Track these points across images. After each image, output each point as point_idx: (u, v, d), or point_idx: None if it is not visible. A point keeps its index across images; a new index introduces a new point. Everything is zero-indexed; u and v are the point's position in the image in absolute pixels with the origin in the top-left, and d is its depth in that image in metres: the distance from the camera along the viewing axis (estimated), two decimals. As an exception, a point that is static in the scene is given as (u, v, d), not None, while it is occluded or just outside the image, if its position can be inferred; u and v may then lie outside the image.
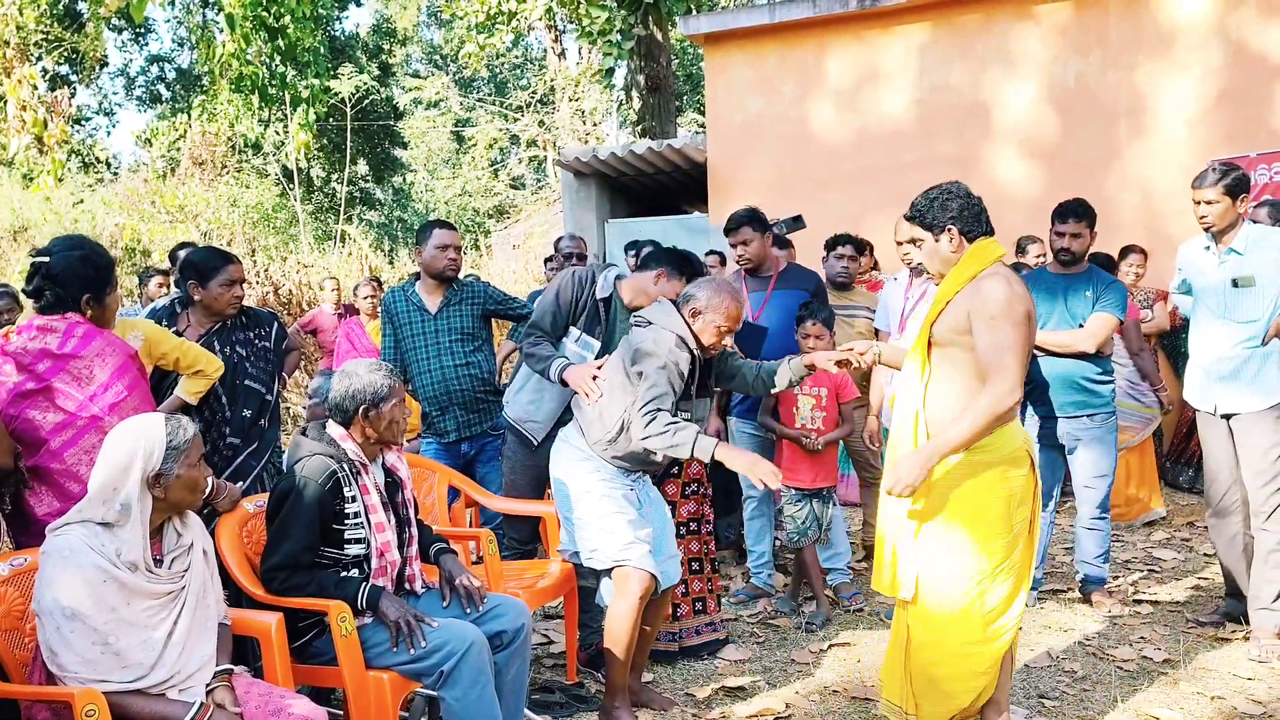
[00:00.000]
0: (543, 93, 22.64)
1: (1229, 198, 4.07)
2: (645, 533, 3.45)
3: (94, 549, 2.43)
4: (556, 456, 3.65)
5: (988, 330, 2.95)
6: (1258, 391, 4.09)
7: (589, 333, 3.96)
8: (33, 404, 3.04)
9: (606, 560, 3.45)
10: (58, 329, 3.08)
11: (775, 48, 8.87)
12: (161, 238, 12.98)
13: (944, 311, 3.08)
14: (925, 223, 3.13)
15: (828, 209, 7.90)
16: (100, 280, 3.19)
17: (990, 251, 3.07)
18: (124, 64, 26.38)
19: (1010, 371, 2.92)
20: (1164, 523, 6.39)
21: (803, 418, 4.66)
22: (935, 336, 3.10)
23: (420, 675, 2.95)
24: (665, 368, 3.37)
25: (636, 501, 3.56)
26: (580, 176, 10.43)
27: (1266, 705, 3.63)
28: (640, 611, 3.43)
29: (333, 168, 22.92)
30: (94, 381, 3.08)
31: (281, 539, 2.99)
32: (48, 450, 3.04)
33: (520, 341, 4.09)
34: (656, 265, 3.98)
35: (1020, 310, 2.96)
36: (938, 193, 3.12)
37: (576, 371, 3.73)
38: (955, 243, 3.08)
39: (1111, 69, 7.94)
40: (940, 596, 3.06)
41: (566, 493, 3.57)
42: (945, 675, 3.08)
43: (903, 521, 3.10)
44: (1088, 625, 4.51)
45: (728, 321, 3.47)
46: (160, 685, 2.48)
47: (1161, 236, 7.14)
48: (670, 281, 3.92)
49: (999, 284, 2.98)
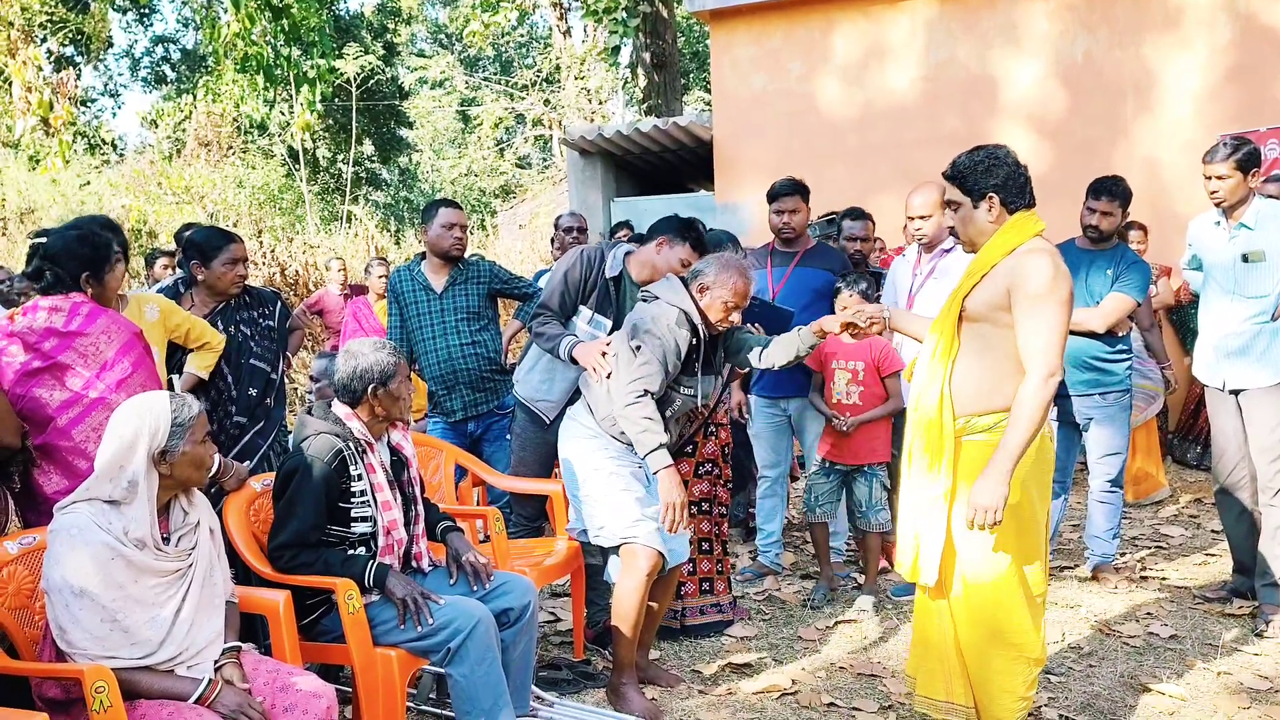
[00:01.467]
0: (548, 71, 22.53)
1: (1240, 172, 4.04)
2: (653, 510, 3.44)
3: (101, 527, 2.44)
4: (565, 434, 3.64)
5: (1030, 310, 2.79)
6: (1266, 367, 4.07)
7: (600, 312, 3.90)
8: (39, 382, 3.06)
9: (614, 537, 3.44)
10: (62, 308, 3.10)
11: (781, 24, 8.82)
12: (168, 219, 13.00)
13: (979, 285, 2.90)
14: (966, 186, 2.96)
15: (833, 186, 7.86)
16: (98, 259, 3.19)
17: (1031, 225, 2.91)
18: (129, 45, 26.38)
19: (1053, 355, 2.78)
20: (1171, 500, 6.39)
21: (839, 393, 4.54)
22: (968, 311, 2.92)
23: (427, 652, 2.97)
24: (661, 345, 3.36)
25: (645, 479, 3.54)
26: (586, 155, 10.40)
27: (1273, 680, 3.63)
28: (647, 588, 3.43)
29: (338, 148, 22.88)
30: (100, 358, 3.09)
31: (288, 517, 3.00)
32: (55, 428, 3.05)
33: (529, 321, 4.07)
34: (657, 235, 3.91)
35: (1065, 290, 2.81)
36: (983, 155, 2.95)
37: (586, 349, 3.69)
38: (995, 213, 2.93)
39: (1118, 45, 7.88)
40: (982, 576, 2.94)
41: (575, 470, 3.56)
42: (1010, 677, 2.96)
43: (928, 508, 2.98)
44: (1094, 601, 4.51)
45: (735, 298, 3.44)
46: (169, 662, 2.49)
47: (1168, 213, 7.10)
48: (674, 248, 3.83)
49: (1044, 261, 2.81)
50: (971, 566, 2.96)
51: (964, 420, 2.93)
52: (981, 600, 2.97)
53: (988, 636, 2.98)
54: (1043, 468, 2.96)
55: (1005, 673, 2.98)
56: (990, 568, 2.94)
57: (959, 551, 2.97)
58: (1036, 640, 2.99)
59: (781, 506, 5.04)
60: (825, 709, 3.52)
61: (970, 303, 2.92)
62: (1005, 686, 2.99)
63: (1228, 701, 3.48)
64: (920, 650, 3.18)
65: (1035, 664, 3.00)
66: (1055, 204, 7.08)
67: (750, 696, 3.63)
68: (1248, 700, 3.49)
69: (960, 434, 2.93)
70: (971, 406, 2.92)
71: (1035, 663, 3.00)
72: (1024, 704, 3.02)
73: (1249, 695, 3.53)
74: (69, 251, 3.16)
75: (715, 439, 4.24)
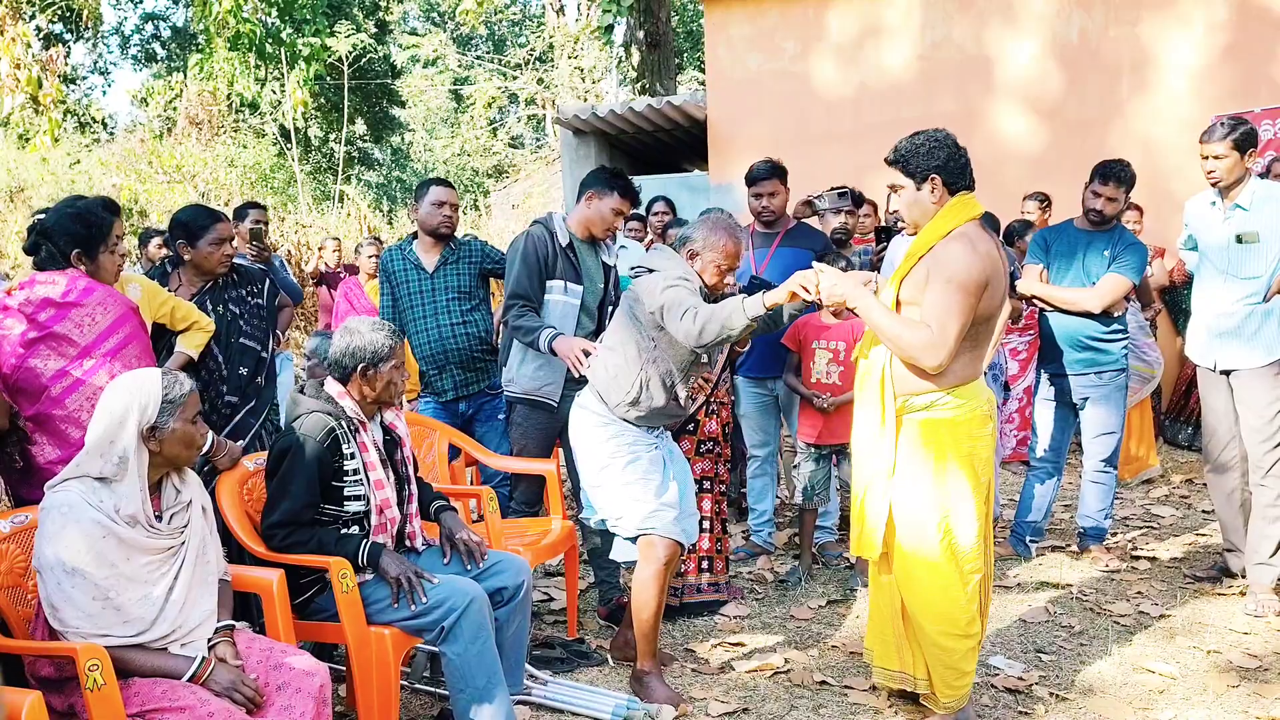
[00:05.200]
0: (541, 50, 22.42)
1: (1237, 152, 4.04)
2: (670, 496, 3.40)
3: (92, 505, 2.44)
4: (575, 423, 3.56)
5: (938, 293, 2.87)
6: (1258, 348, 4.08)
7: (569, 281, 4.02)
8: (34, 352, 3.07)
9: (631, 528, 3.40)
10: (59, 281, 3.12)
11: (776, 4, 8.77)
12: (159, 198, 12.93)
13: (914, 269, 2.98)
14: (909, 169, 3.00)
15: (828, 166, 7.84)
16: (92, 237, 3.19)
17: (968, 208, 2.96)
18: (119, 22, 25.99)
19: (945, 338, 2.84)
20: (1163, 479, 6.41)
21: (818, 372, 4.55)
22: (902, 294, 3.00)
23: (421, 631, 2.97)
24: (677, 285, 3.27)
25: (661, 461, 3.49)
26: (579, 135, 10.35)
27: (1262, 659, 3.65)
28: (666, 577, 3.41)
29: (330, 127, 22.75)
30: (96, 329, 3.12)
31: (281, 496, 2.99)
32: (49, 397, 3.07)
33: (505, 315, 4.05)
34: (585, 190, 4.07)
35: (978, 278, 2.85)
36: (924, 138, 3.00)
37: (567, 342, 3.74)
38: (938, 194, 2.97)
39: (1114, 24, 7.86)
40: (916, 549, 3.03)
41: (588, 461, 3.50)
42: (953, 646, 3.02)
43: (870, 483, 3.07)
44: (1085, 580, 4.53)
45: (727, 260, 3.39)
46: (162, 640, 2.49)
47: (1164, 193, 7.09)
48: (604, 199, 4.03)
49: (962, 247, 2.88)
50: (906, 544, 3.06)
51: (903, 399, 3.01)
52: (914, 576, 3.07)
53: (922, 611, 3.07)
54: (972, 444, 2.99)
55: (941, 647, 3.06)
56: (921, 546, 3.03)
57: (896, 529, 3.07)
58: (966, 617, 3.03)
59: (772, 486, 5.05)
60: (817, 687, 3.54)
61: (903, 288, 3.00)
62: (944, 661, 3.07)
63: (1217, 680, 3.50)
64: (876, 622, 3.27)
65: (969, 639, 3.05)
66: (1051, 183, 7.12)
67: (743, 675, 3.65)
68: (1237, 679, 3.51)
69: (901, 413, 3.01)
70: (909, 386, 3.00)
71: (969, 638, 3.05)
72: (965, 678, 3.08)
73: (1238, 674, 3.55)
74: (62, 227, 3.18)
75: (717, 418, 4.23)
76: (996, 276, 2.92)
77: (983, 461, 3.02)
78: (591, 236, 4.10)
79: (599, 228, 4.07)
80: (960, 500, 2.98)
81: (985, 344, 3.01)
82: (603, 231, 4.08)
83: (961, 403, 2.97)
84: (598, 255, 4.17)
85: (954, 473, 2.97)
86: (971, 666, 3.09)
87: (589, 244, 4.13)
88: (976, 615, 3.06)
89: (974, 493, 2.99)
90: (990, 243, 2.95)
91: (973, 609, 3.04)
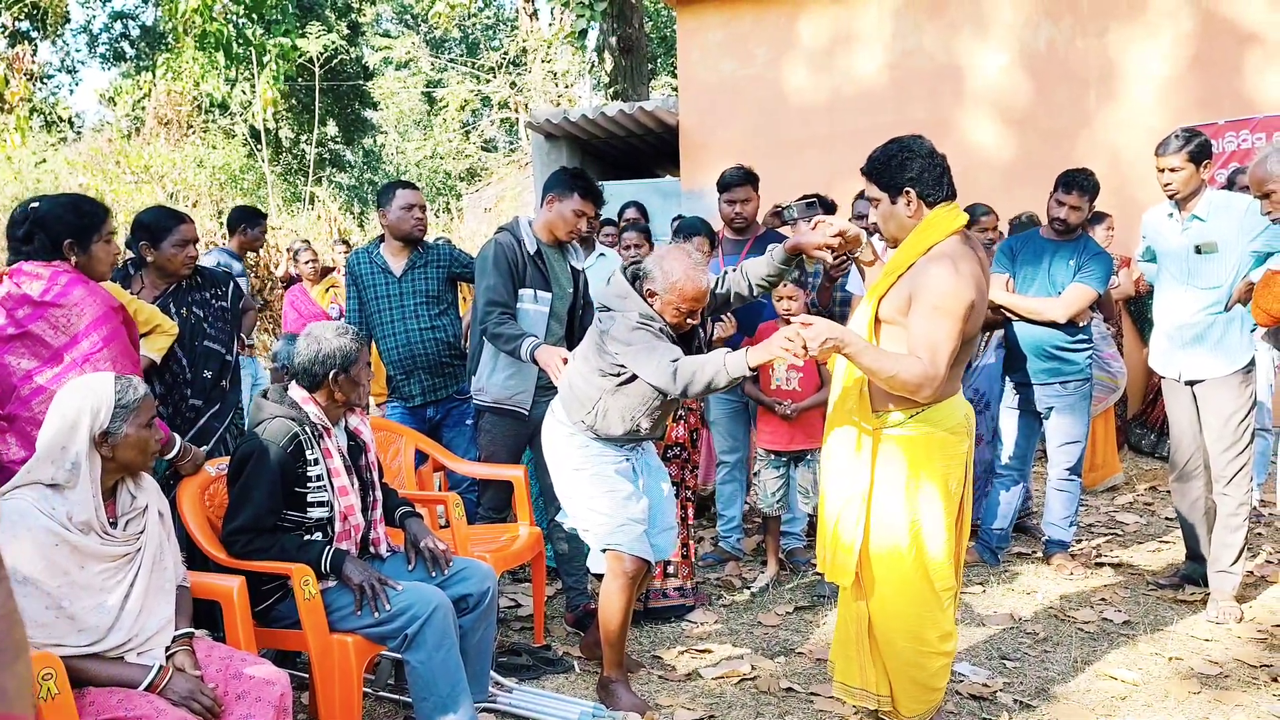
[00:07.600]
0: (515, 54, 22.35)
1: (1192, 164, 4.07)
2: (639, 509, 3.36)
3: (44, 512, 2.39)
4: (547, 431, 3.54)
5: (925, 319, 2.75)
6: (1221, 357, 4.12)
7: (537, 289, 3.99)
8: (10, 349, 3.02)
9: (598, 542, 3.39)
10: (42, 275, 3.05)
11: (749, 10, 8.80)
12: (126, 199, 12.78)
13: (894, 286, 2.86)
14: (883, 182, 2.87)
15: (800, 172, 7.88)
16: (84, 226, 3.14)
17: (950, 221, 2.83)
18: (87, 20, 25.73)
19: (937, 368, 2.74)
20: (1127, 486, 6.47)
21: (777, 379, 4.56)
22: (881, 313, 2.89)
23: (385, 638, 2.94)
24: (641, 329, 3.16)
25: (633, 473, 3.44)
26: (551, 139, 10.33)
27: (1223, 666, 3.69)
28: (632, 591, 3.38)
29: (301, 129, 22.60)
30: (70, 331, 3.05)
31: (243, 502, 2.96)
32: (18, 397, 3.01)
33: (483, 323, 3.98)
34: (546, 194, 4.05)
35: (964, 302, 2.74)
36: (897, 148, 2.85)
37: (547, 352, 3.71)
38: (914, 207, 2.84)
39: (1082, 35, 7.94)
40: (889, 565, 2.95)
41: (558, 469, 3.48)
42: (925, 663, 2.97)
43: (845, 506, 2.97)
44: (1050, 588, 4.56)
45: (686, 304, 3.20)
46: (118, 649, 2.45)
47: (1131, 202, 7.17)
48: (564, 201, 3.99)
49: (945, 270, 2.74)
50: (880, 563, 2.97)
51: (880, 415, 2.92)
52: (890, 595, 2.98)
53: (897, 630, 2.99)
54: (947, 462, 2.91)
55: (914, 665, 2.99)
56: (896, 564, 2.94)
57: (870, 548, 2.97)
58: (941, 634, 2.98)
59: (741, 492, 5.05)
60: (783, 694, 3.54)
61: (882, 306, 2.90)
62: (915, 678, 3.01)
63: (1179, 686, 3.53)
64: (840, 637, 3.20)
65: (943, 657, 3.00)
66: (1019, 192, 7.18)
67: (710, 682, 3.64)
68: (1198, 685, 3.54)
69: (878, 428, 2.93)
70: (887, 403, 2.91)
71: (944, 655, 3.00)
72: (934, 694, 3.04)
73: (1199, 680, 3.58)
74: (56, 216, 3.12)
75: (684, 423, 4.23)
76: (981, 297, 2.83)
77: (957, 479, 2.94)
78: (557, 240, 4.07)
79: (562, 230, 4.02)
80: (931, 516, 2.92)
81: (965, 360, 2.95)
82: (566, 234, 4.04)
83: (941, 418, 2.89)
84: (565, 260, 4.14)
85: (927, 489, 2.90)
86: (942, 684, 3.04)
87: (556, 249, 4.10)
88: (951, 632, 3.00)
89: (945, 511, 2.92)
90: (973, 260, 2.83)
91: (947, 626, 2.98)
